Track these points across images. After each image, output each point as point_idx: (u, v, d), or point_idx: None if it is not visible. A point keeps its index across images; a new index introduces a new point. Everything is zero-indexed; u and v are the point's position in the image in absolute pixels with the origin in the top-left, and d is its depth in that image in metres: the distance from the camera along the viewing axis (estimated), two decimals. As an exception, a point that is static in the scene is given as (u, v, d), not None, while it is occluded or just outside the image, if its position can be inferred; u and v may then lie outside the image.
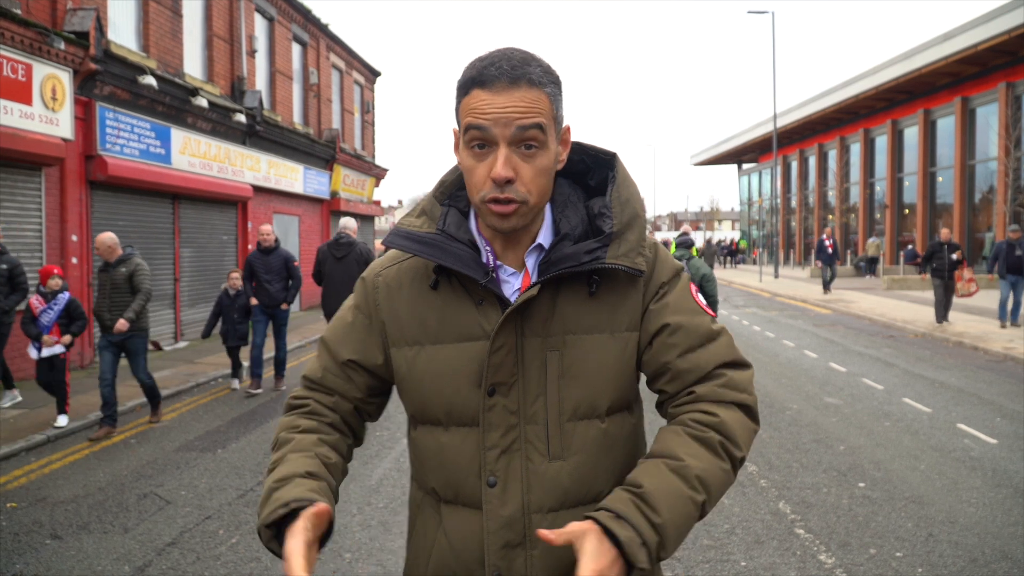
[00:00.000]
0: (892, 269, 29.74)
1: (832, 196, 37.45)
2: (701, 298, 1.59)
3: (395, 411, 8.54)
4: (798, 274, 35.20)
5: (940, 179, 28.52)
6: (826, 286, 23.21)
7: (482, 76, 1.39)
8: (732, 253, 50.02)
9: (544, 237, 1.51)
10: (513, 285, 1.50)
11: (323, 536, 1.37)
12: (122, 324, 7.48)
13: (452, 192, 1.59)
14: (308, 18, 21.38)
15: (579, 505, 1.47)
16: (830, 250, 22.98)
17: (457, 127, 1.46)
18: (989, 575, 4.31)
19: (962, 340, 13.01)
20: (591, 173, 1.60)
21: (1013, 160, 22.62)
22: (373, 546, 4.80)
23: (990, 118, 24.93)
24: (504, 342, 1.45)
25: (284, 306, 9.80)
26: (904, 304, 19.41)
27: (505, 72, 1.38)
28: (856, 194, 35.04)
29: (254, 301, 9.67)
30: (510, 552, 1.46)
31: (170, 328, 14.07)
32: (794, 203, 43.49)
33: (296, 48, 21.11)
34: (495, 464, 1.47)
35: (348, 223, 9.41)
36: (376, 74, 28.53)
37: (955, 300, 16.11)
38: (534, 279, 1.49)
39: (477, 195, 1.42)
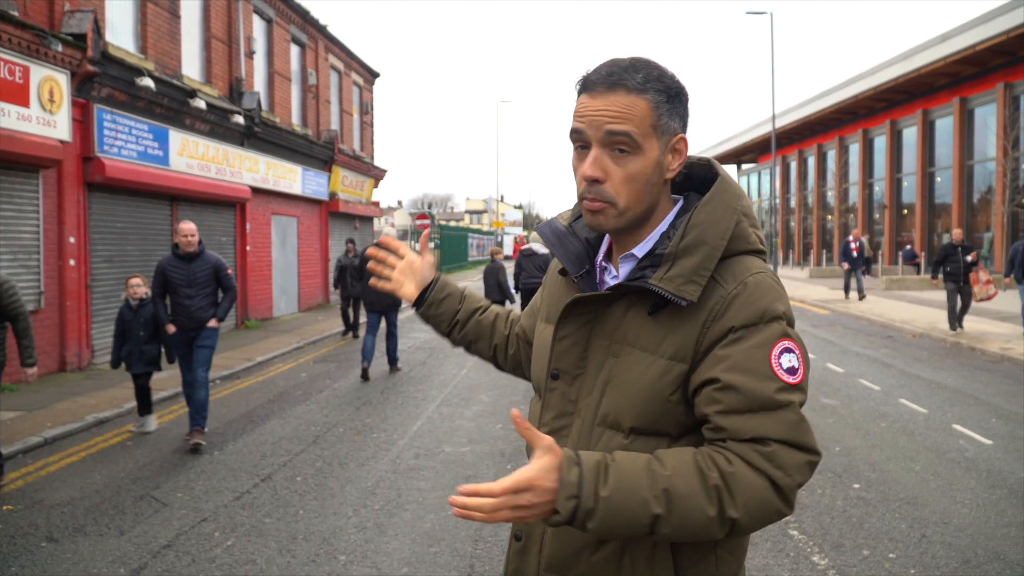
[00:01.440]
0: (891, 269, 29.77)
1: (831, 196, 37.48)
2: (787, 360, 1.42)
3: (392, 413, 8.56)
4: (797, 274, 35.24)
5: (939, 179, 28.53)
6: (848, 290, 21.30)
7: (586, 81, 1.50)
8: None
9: (643, 248, 1.55)
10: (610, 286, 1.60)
11: (428, 287, 2.01)
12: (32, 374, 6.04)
13: None
14: (307, 19, 21.40)
15: None
16: (855, 253, 20.93)
17: None
18: (982, 576, 4.33)
19: (959, 340, 13.02)
20: None
21: (1011, 160, 22.63)
22: (368, 548, 4.81)
23: (988, 118, 24.93)
24: (570, 334, 1.58)
25: (212, 323, 7.41)
26: (902, 304, 19.43)
27: (603, 77, 1.47)
28: (855, 194, 35.05)
29: (171, 328, 7.35)
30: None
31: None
32: (793, 203, 43.52)
33: (295, 49, 21.12)
34: None
35: (388, 231, 11.10)
36: (375, 75, 28.55)
37: (972, 304, 15.09)
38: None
39: (577, 193, 1.55)
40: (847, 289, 21.49)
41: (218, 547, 4.87)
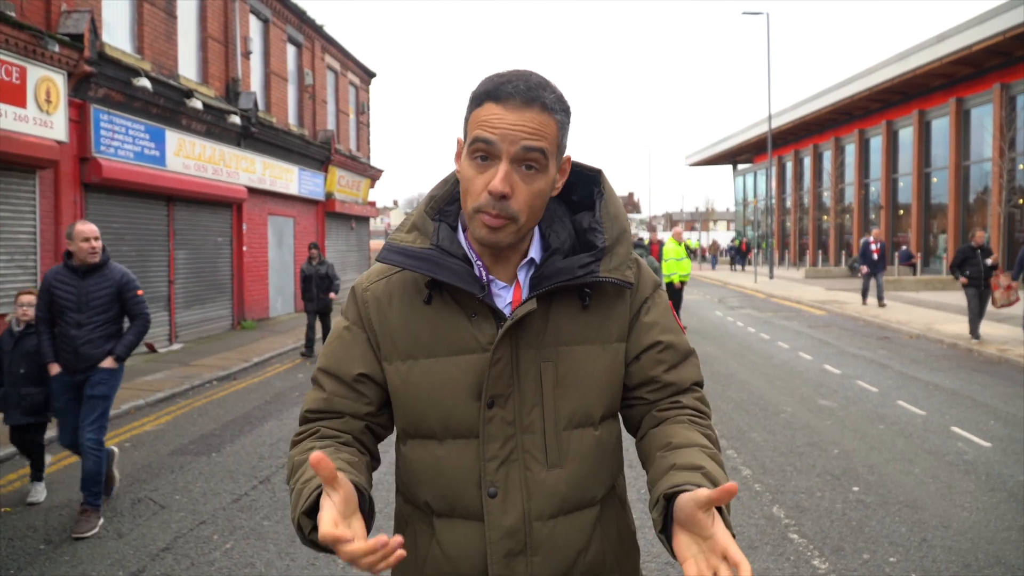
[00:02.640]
0: (887, 270, 29.80)
1: (827, 197, 37.52)
2: (676, 316, 1.69)
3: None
4: (793, 275, 35.27)
5: (935, 180, 28.60)
6: (866, 295, 19.45)
7: (498, 91, 1.42)
8: (742, 254, 44.37)
9: (535, 252, 1.55)
10: (505, 299, 1.53)
11: (367, 515, 1.33)
12: None
13: (441, 207, 1.60)
14: (303, 19, 21.36)
15: (576, 510, 1.52)
16: (876, 255, 19.02)
17: (463, 137, 1.49)
18: (982, 580, 4.32)
19: (957, 342, 13.03)
20: (574, 189, 1.64)
21: (1007, 161, 22.67)
22: (367, 552, 4.79)
23: (984, 119, 24.99)
24: (503, 355, 1.48)
25: (107, 362, 5.37)
26: (899, 305, 19.44)
27: (521, 91, 1.41)
28: (851, 195, 35.11)
29: (55, 369, 5.39)
30: (512, 560, 1.48)
31: (165, 330, 14.05)
32: (789, 204, 43.55)
33: (291, 49, 21.08)
34: (495, 475, 1.49)
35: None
36: (371, 75, 28.51)
37: (989, 309, 14.23)
38: (526, 292, 1.52)
39: (471, 204, 1.44)
40: (865, 294, 19.55)
41: (217, 550, 4.86)
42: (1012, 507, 5.41)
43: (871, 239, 19.40)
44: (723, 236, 74.39)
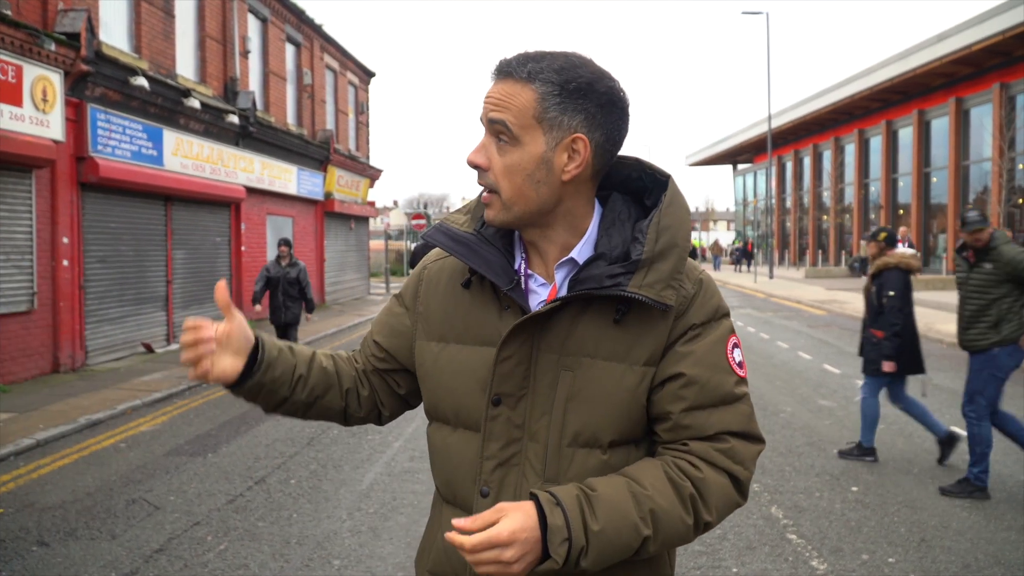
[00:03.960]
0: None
1: (827, 197, 37.51)
2: (737, 354, 1.48)
3: (387, 414, 8.49)
4: (793, 274, 35.25)
5: (935, 179, 28.58)
6: None
7: (495, 67, 1.45)
8: (748, 254, 42.98)
9: (581, 252, 1.46)
10: (540, 296, 1.49)
11: (254, 350, 1.59)
12: None
13: None
14: (302, 19, 21.34)
15: None
16: None
17: None
18: (982, 581, 4.29)
19: (956, 342, 12.98)
20: (648, 193, 1.54)
21: (1007, 161, 22.65)
22: (363, 552, 4.76)
23: (984, 119, 24.97)
24: (514, 353, 1.43)
25: None
26: (898, 305, 19.41)
27: (502, 64, 1.42)
28: (851, 194, 35.10)
29: None
30: None
31: (163, 330, 14.02)
32: (789, 204, 43.54)
33: (290, 49, 21.05)
34: (490, 475, 1.46)
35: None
36: (370, 75, 28.48)
37: None
38: (561, 294, 1.46)
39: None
40: None
41: (211, 551, 4.82)
42: (1011, 507, 5.38)
43: (899, 236, 18.51)
44: (723, 236, 74.42)
